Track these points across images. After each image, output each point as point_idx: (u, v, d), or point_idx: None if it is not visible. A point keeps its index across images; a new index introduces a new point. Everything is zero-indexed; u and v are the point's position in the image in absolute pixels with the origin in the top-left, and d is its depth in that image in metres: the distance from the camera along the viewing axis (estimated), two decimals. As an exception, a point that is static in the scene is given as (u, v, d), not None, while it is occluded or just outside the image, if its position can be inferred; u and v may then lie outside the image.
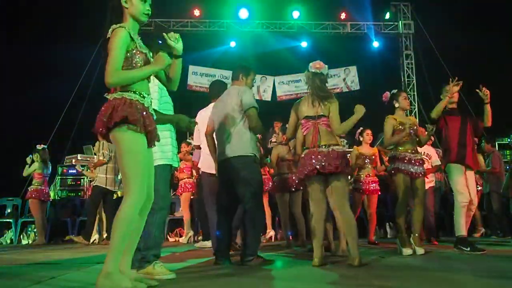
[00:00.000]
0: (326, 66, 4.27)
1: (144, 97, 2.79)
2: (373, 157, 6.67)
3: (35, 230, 8.31)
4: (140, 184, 2.70)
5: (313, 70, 4.21)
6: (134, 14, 2.84)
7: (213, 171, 4.68)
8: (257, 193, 4.26)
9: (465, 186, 5.01)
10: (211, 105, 4.87)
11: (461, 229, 4.94)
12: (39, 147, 8.36)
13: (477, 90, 5.11)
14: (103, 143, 7.57)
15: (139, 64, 2.80)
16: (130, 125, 2.68)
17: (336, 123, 4.06)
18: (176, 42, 3.11)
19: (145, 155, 2.78)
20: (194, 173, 7.73)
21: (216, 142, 4.46)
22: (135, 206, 2.67)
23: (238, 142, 4.23)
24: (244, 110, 4.24)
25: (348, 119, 4.07)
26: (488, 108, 5.16)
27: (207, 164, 4.93)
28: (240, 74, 4.55)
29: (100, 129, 2.69)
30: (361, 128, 6.77)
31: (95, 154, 8.02)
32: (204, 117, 4.86)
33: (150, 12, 2.91)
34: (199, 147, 5.41)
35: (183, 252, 5.84)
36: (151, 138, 2.85)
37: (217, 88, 5.08)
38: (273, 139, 6.95)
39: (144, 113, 2.75)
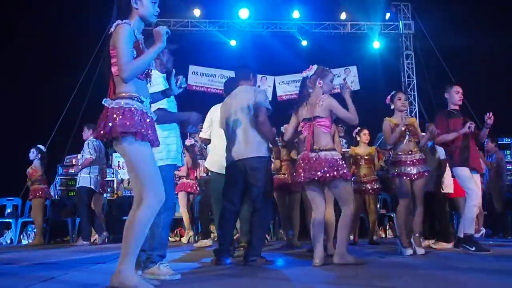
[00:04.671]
0: (315, 66, 4.27)
1: (142, 101, 2.76)
2: (370, 156, 6.67)
3: (35, 230, 8.29)
4: (156, 187, 2.71)
5: (303, 75, 4.28)
6: (144, 15, 2.86)
7: (221, 171, 4.69)
8: (268, 195, 4.30)
9: (476, 185, 5.01)
10: None
11: (469, 227, 4.92)
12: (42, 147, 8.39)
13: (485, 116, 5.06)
14: (88, 143, 7.54)
15: None
16: (130, 135, 2.66)
17: (346, 114, 4.08)
18: (177, 86, 3.17)
19: (152, 158, 2.79)
20: (200, 173, 7.73)
21: (226, 141, 4.43)
22: (154, 209, 2.69)
23: (254, 143, 4.21)
24: (256, 107, 4.22)
25: (348, 108, 4.10)
26: (486, 132, 5.14)
27: (216, 164, 4.96)
28: (251, 74, 4.55)
29: (104, 138, 2.70)
30: (359, 128, 6.78)
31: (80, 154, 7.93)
32: (218, 113, 4.79)
33: (157, 13, 2.93)
34: (207, 140, 5.39)
35: (184, 252, 5.83)
36: (152, 144, 2.83)
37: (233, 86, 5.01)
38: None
39: (142, 119, 2.71)
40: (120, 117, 2.64)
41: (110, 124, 2.64)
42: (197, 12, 13.54)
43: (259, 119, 4.21)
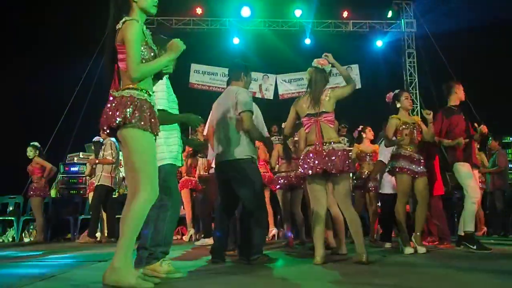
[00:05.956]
0: (330, 64, 4.26)
1: (150, 95, 2.80)
2: (374, 154, 6.67)
3: (37, 228, 8.31)
4: (153, 180, 2.72)
5: (315, 65, 4.23)
6: (144, 7, 2.86)
7: None
8: (258, 193, 4.27)
9: (476, 182, 5.04)
10: None
11: (469, 225, 4.94)
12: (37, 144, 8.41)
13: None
14: (111, 143, 7.61)
15: (146, 58, 2.78)
16: (140, 123, 2.67)
17: (348, 88, 4.17)
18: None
19: (154, 151, 2.81)
20: (200, 172, 7.71)
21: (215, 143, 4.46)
22: (148, 202, 2.69)
23: (236, 145, 4.21)
24: (238, 112, 4.21)
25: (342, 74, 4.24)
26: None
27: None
28: (242, 73, 4.48)
29: (107, 126, 2.69)
30: (362, 126, 6.79)
31: (96, 153, 8.02)
32: None
33: (156, 4, 2.93)
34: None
35: (184, 250, 5.84)
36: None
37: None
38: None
39: (152, 112, 2.76)
40: (131, 105, 2.67)
41: (119, 110, 2.65)
42: (199, 10, 13.54)
43: (245, 128, 4.18)
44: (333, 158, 3.94)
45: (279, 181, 6.22)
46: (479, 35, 11.35)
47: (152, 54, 2.81)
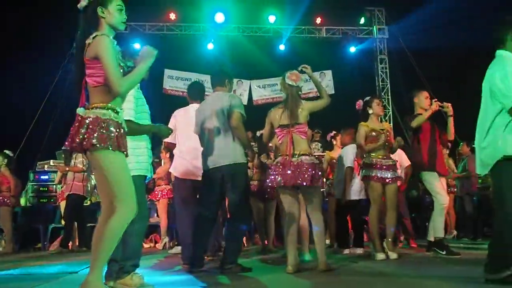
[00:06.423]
0: (302, 76, 4.27)
1: (117, 112, 2.73)
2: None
3: (5, 238, 8.10)
4: (129, 197, 2.66)
5: (289, 83, 4.21)
6: (112, 23, 2.81)
7: (186, 177, 4.67)
8: (246, 202, 4.29)
9: (443, 188, 5.12)
10: (191, 106, 4.80)
11: (439, 231, 5.03)
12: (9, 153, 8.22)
13: (440, 107, 5.15)
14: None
15: None
16: (106, 145, 2.61)
17: (322, 102, 4.22)
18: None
19: (126, 168, 2.75)
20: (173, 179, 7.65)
21: (202, 147, 4.37)
22: (126, 218, 2.64)
23: (230, 149, 4.19)
24: (232, 111, 4.19)
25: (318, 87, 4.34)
26: (451, 121, 5.22)
27: (181, 169, 4.85)
28: (226, 80, 4.50)
29: (75, 147, 2.64)
30: (334, 132, 6.84)
31: (66, 161, 7.88)
32: (183, 117, 4.77)
33: (125, 20, 2.88)
34: (171, 144, 5.05)
35: (158, 259, 5.78)
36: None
37: (197, 90, 5.02)
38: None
39: (118, 130, 2.69)
40: (97, 128, 2.60)
41: (86, 135, 2.59)
42: (172, 15, 13.47)
43: (232, 123, 4.16)
44: (301, 170, 3.94)
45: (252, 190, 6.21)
46: (450, 41, 11.58)
47: (121, 71, 2.77)
